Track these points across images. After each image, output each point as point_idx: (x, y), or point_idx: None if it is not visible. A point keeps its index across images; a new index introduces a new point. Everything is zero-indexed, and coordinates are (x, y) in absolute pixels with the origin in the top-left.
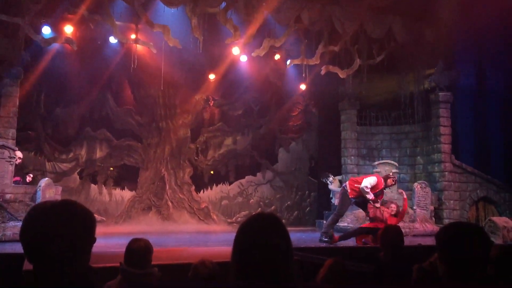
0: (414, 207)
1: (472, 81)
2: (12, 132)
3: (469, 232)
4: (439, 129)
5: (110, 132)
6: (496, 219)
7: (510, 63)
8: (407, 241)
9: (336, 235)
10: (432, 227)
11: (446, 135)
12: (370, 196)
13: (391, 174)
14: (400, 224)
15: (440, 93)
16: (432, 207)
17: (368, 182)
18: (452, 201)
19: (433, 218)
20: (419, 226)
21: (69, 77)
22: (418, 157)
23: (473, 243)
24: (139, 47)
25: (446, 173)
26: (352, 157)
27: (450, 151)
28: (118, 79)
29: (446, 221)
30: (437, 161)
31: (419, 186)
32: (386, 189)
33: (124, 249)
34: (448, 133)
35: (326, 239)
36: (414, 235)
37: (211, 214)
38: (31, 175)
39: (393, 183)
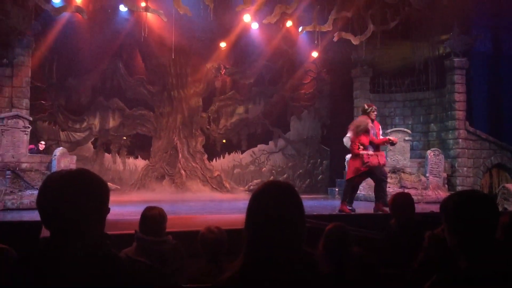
0: (427, 174)
1: (488, 47)
2: (26, 102)
3: (475, 200)
4: (453, 96)
5: (122, 102)
6: (510, 185)
7: None
8: (420, 208)
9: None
10: (445, 194)
11: (461, 102)
12: (349, 138)
13: (365, 106)
14: (412, 192)
15: (455, 59)
16: (445, 174)
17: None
18: (465, 168)
19: (446, 186)
20: (431, 193)
21: (80, 47)
22: (432, 124)
23: (481, 211)
24: (149, 16)
25: (460, 140)
26: None
27: (464, 118)
28: (129, 49)
29: (459, 188)
30: (451, 128)
31: (432, 154)
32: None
33: (138, 217)
34: (463, 99)
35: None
36: (427, 202)
37: (224, 182)
38: (43, 142)
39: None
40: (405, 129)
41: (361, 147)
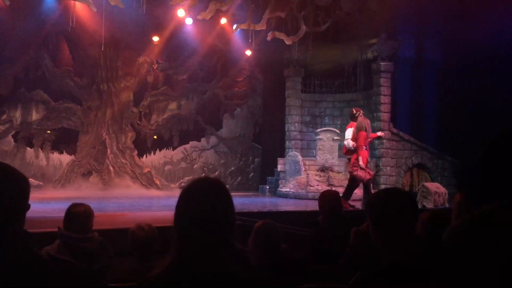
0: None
1: (411, 52)
2: None
3: (397, 197)
4: (379, 98)
5: (47, 94)
6: (428, 184)
7: (446, 35)
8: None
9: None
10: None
11: (386, 104)
12: (351, 143)
13: (354, 111)
14: (340, 190)
15: (381, 63)
16: None
17: (347, 137)
18: (389, 168)
19: (371, 184)
20: (357, 191)
21: (1, 35)
22: None
23: (402, 208)
24: (77, 5)
25: (384, 140)
26: (296, 124)
27: (389, 119)
28: (55, 38)
29: (383, 187)
30: (377, 129)
31: None
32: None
33: (62, 215)
34: (388, 102)
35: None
36: (353, 200)
37: (154, 179)
38: None
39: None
40: (334, 129)
41: (364, 147)
